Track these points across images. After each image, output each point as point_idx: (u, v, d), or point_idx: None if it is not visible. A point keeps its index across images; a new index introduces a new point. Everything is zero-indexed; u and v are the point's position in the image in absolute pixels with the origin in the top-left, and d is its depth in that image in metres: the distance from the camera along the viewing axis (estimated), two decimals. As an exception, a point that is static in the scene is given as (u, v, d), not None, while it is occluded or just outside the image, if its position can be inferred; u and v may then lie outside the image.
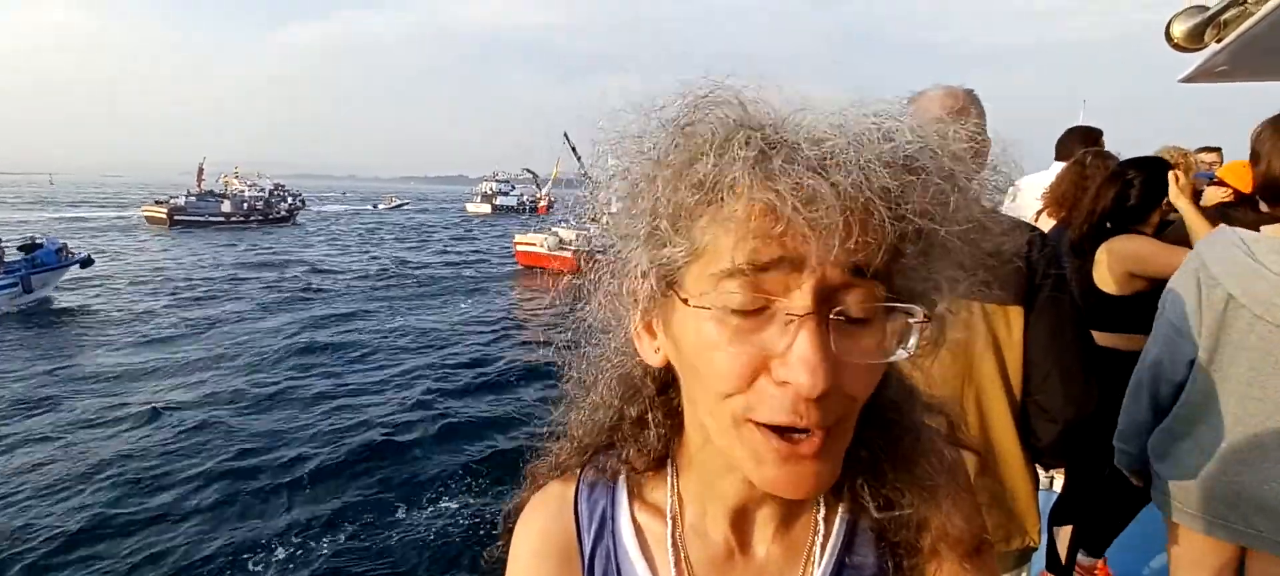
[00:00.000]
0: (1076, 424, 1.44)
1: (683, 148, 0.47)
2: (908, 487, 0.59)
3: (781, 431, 0.46)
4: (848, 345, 0.45)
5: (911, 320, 0.46)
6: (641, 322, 0.55)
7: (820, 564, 0.60)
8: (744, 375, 0.45)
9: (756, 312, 0.45)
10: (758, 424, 0.46)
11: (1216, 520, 1.62)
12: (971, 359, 1.44)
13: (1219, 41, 2.24)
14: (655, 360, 0.56)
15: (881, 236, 0.43)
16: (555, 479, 0.70)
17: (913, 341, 0.47)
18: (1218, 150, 3.49)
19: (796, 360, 0.43)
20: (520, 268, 30.79)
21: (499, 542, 0.71)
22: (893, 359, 0.47)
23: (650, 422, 0.63)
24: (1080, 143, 2.90)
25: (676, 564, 0.61)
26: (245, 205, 56.08)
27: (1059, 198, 2.54)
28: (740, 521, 0.61)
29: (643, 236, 0.50)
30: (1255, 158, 1.66)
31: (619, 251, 0.54)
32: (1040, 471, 1.68)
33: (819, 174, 0.42)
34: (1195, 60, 2.46)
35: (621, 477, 0.66)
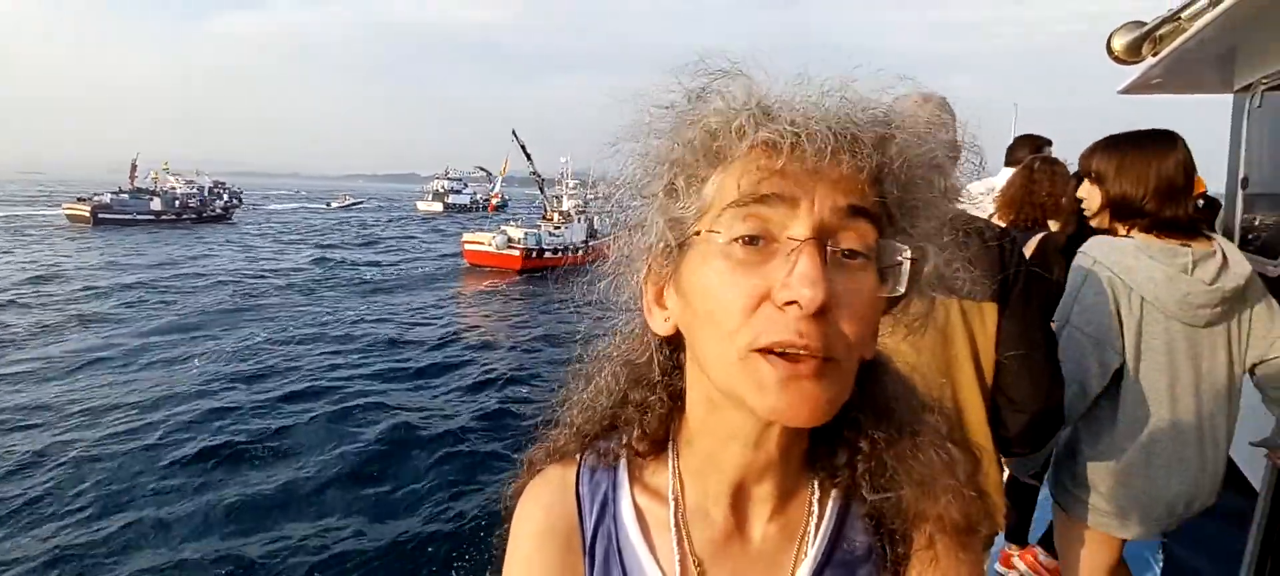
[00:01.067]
0: (1042, 415, 1.52)
1: (698, 109, 0.53)
2: (906, 478, 0.61)
3: (784, 356, 0.49)
4: (843, 279, 0.50)
5: (899, 258, 0.52)
6: (653, 294, 0.59)
7: (814, 543, 0.61)
8: (749, 304, 0.49)
9: (760, 247, 0.50)
10: (761, 352, 0.49)
11: (1139, 519, 1.71)
12: (950, 353, 1.50)
13: (1155, 55, 2.38)
14: (665, 329, 0.59)
15: (868, 178, 0.50)
16: (554, 463, 0.71)
17: (903, 281, 0.52)
18: None
19: (797, 277, 0.47)
20: (468, 266, 30.36)
21: (498, 528, 0.72)
22: (883, 294, 0.52)
23: (653, 405, 0.65)
24: (1029, 149, 3.04)
25: (678, 544, 0.62)
26: (177, 203, 53.09)
27: (1009, 201, 2.65)
28: (739, 501, 0.62)
29: (660, 195, 0.55)
30: (1100, 180, 1.75)
31: (637, 210, 0.59)
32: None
33: (812, 119, 0.49)
34: (1133, 73, 2.61)
35: (622, 461, 0.67)
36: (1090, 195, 1.80)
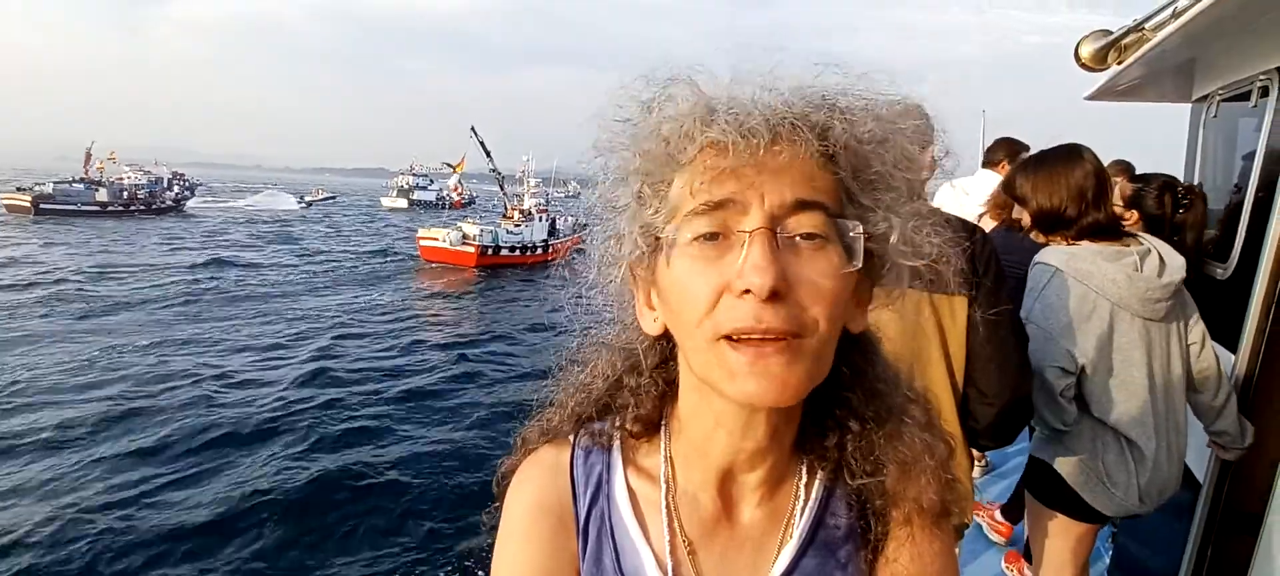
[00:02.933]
0: (1011, 407, 1.56)
1: (651, 120, 0.57)
2: (891, 459, 0.63)
3: (748, 341, 0.51)
4: (798, 262, 0.52)
5: (852, 234, 0.54)
6: (643, 297, 0.62)
7: (799, 525, 0.64)
8: (712, 296, 0.52)
9: (718, 242, 0.53)
10: (727, 339, 0.52)
11: (1116, 506, 1.79)
12: (920, 345, 1.53)
13: (1120, 63, 2.48)
14: (655, 329, 0.62)
15: (813, 154, 0.53)
16: (548, 443, 0.72)
17: (858, 257, 0.54)
18: (1128, 165, 3.50)
19: (748, 266, 0.50)
20: (423, 263, 29.88)
21: (490, 506, 0.72)
22: (845, 271, 0.53)
23: (647, 389, 0.67)
24: (1005, 151, 3.14)
25: (669, 525, 0.64)
26: (124, 193, 50.73)
27: (999, 204, 2.73)
28: (728, 485, 0.65)
29: (632, 204, 0.59)
30: (1022, 199, 1.88)
31: (613, 222, 0.62)
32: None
33: (752, 114, 0.52)
34: (1099, 80, 2.72)
35: (616, 443, 0.69)
36: (1021, 214, 1.90)
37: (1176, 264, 1.76)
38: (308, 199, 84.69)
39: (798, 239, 0.52)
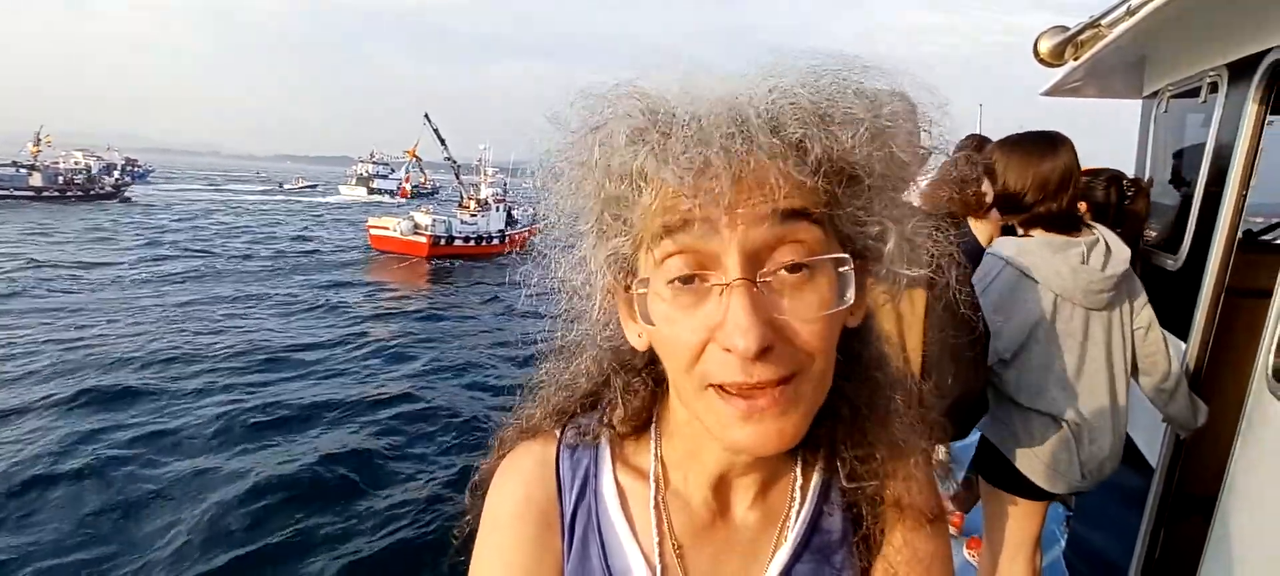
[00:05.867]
0: (963, 399, 1.58)
1: (599, 147, 0.50)
2: (884, 449, 0.61)
3: (740, 393, 0.48)
4: (785, 304, 0.47)
5: (842, 268, 0.49)
6: (626, 314, 0.58)
7: (794, 527, 0.62)
8: (695, 345, 0.48)
9: (695, 286, 0.48)
10: (718, 388, 0.48)
11: (1063, 483, 1.85)
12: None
13: (1076, 59, 2.54)
14: (640, 345, 0.58)
15: (788, 175, 0.46)
16: (529, 440, 0.69)
17: (850, 290, 0.49)
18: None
19: (731, 326, 0.46)
20: (374, 252, 29.13)
21: (465, 515, 0.69)
22: (835, 309, 0.49)
23: (637, 388, 0.64)
24: (974, 148, 3.19)
25: (658, 525, 0.62)
26: (60, 178, 47.97)
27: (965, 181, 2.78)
28: (721, 489, 0.62)
29: (593, 232, 0.54)
30: (991, 176, 1.92)
31: (576, 248, 0.58)
32: None
33: (705, 144, 0.44)
34: (1056, 76, 2.78)
35: (604, 440, 0.66)
36: (987, 188, 1.93)
37: (1121, 256, 1.82)
38: (286, 186, 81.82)
39: (782, 273, 0.47)
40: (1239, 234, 1.95)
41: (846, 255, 0.49)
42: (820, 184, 0.47)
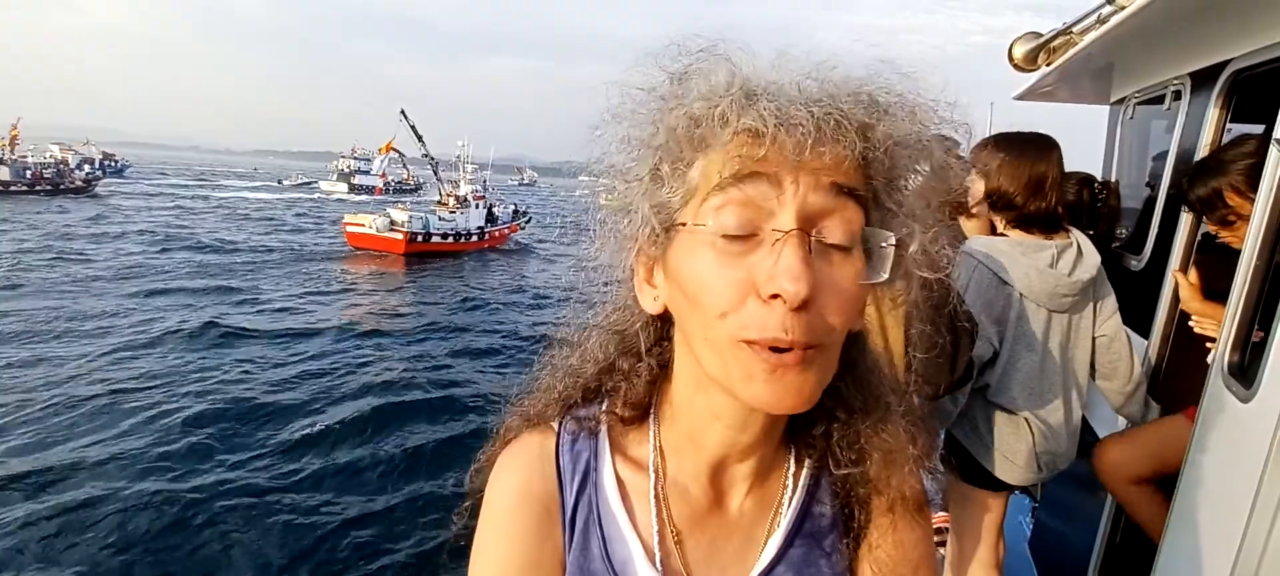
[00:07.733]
0: (948, 391, 1.62)
1: (680, 93, 0.53)
2: (876, 447, 0.64)
3: (771, 349, 0.50)
4: (827, 269, 0.50)
5: (884, 245, 0.52)
6: (644, 273, 0.59)
7: (786, 514, 0.65)
8: (736, 296, 0.49)
9: (746, 238, 0.50)
10: (748, 342, 0.50)
11: (1017, 474, 1.90)
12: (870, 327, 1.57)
13: (1049, 65, 2.62)
14: (654, 308, 0.59)
15: (853, 155, 0.50)
16: (530, 430, 0.70)
17: (887, 269, 0.52)
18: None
19: (782, 270, 0.47)
20: (350, 249, 28.95)
21: (465, 502, 0.70)
22: (869, 282, 0.52)
23: (641, 372, 0.65)
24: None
25: (658, 515, 0.63)
26: (28, 172, 46.79)
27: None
28: (718, 476, 0.64)
29: (646, 179, 0.55)
30: (985, 174, 1.95)
31: (623, 196, 0.58)
32: None
33: (795, 105, 0.48)
34: (1029, 81, 2.86)
35: (603, 429, 0.67)
36: (975, 185, 1.97)
37: (1091, 262, 1.87)
38: (284, 182, 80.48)
39: (828, 245, 0.50)
40: (1198, 236, 2.03)
41: (893, 234, 0.52)
42: (872, 173, 0.52)
